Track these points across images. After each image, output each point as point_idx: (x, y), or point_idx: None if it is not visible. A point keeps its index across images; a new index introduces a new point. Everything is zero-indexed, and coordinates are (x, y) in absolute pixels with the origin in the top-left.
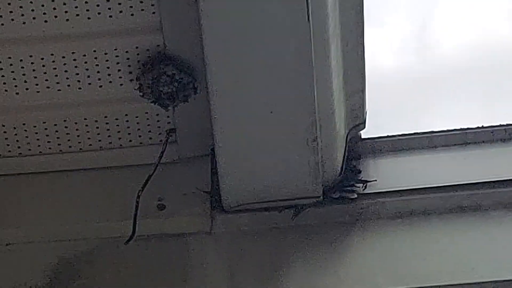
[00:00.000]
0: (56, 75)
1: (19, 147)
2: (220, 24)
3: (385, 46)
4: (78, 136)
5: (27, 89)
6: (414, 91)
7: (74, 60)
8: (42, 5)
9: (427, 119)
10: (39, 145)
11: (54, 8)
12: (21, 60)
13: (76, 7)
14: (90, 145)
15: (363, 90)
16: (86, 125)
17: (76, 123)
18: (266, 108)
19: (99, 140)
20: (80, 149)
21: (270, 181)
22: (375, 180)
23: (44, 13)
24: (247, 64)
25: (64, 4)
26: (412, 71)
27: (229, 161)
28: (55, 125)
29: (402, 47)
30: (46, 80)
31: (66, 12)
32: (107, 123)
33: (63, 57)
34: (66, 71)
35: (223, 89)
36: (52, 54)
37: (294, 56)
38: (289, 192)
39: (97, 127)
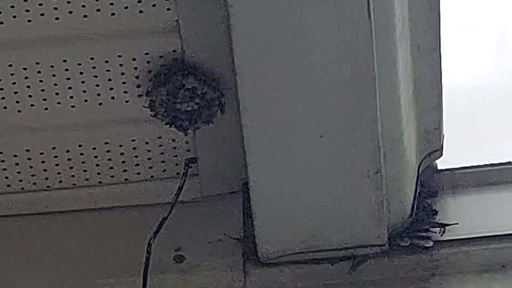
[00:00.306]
0: (42, 90)
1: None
2: (255, 23)
3: (457, 55)
4: (70, 168)
5: (5, 108)
6: (495, 108)
7: (66, 70)
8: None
9: None
10: (20, 180)
11: (40, 4)
12: None
13: (69, 1)
14: (87, 179)
15: (439, 107)
16: (81, 154)
17: (67, 151)
18: (315, 131)
19: (98, 174)
20: (74, 184)
21: (320, 225)
22: (456, 224)
23: (27, 10)
24: (289, 74)
25: None
26: (491, 84)
27: (267, 199)
28: (41, 153)
29: (478, 56)
30: (30, 96)
31: (55, 8)
32: (108, 151)
33: (52, 66)
34: (55, 84)
35: (259, 107)
36: (37, 63)
37: (351, 64)
38: (345, 239)
39: (96, 156)
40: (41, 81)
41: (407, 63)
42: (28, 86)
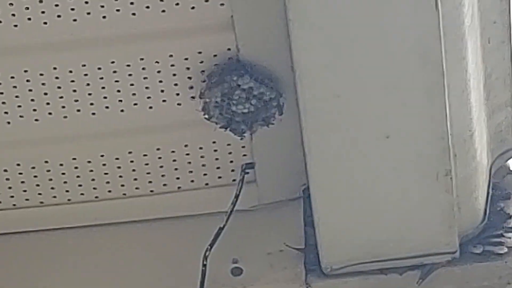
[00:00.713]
0: (89, 93)
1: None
2: (314, 17)
3: None
4: (120, 177)
5: (21, 116)
6: None
7: (114, 72)
8: None
9: None
10: (67, 191)
11: (86, 2)
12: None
13: None
14: (137, 188)
15: (511, 104)
16: (131, 161)
17: (117, 158)
18: (380, 132)
19: (150, 182)
20: (124, 194)
21: (386, 232)
22: None
23: (72, 9)
24: (352, 72)
25: None
26: None
27: (330, 206)
28: (89, 162)
29: None
30: (76, 101)
31: (102, 6)
32: (159, 158)
33: (99, 68)
34: (103, 87)
35: (320, 107)
36: (83, 65)
37: (417, 59)
38: (413, 247)
39: (146, 164)
40: (88, 84)
41: (477, 57)
42: (74, 90)
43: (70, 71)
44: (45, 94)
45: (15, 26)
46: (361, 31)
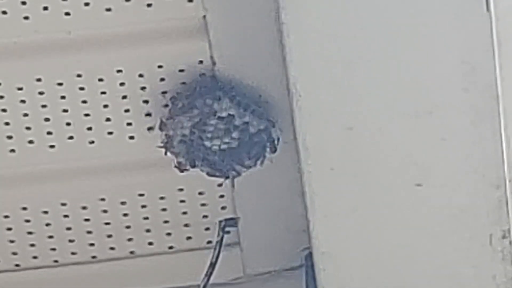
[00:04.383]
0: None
1: None
2: (319, 18)
3: None
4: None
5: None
6: None
7: (40, 93)
8: None
9: None
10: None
11: None
12: None
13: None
14: (74, 254)
15: None
16: (65, 216)
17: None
18: (409, 178)
19: (91, 244)
20: (56, 261)
21: None
22: None
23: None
24: (370, 95)
25: None
26: None
27: (343, 279)
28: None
29: None
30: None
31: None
32: (103, 212)
33: (19, 88)
34: (25, 114)
35: (327, 144)
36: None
37: (461, 76)
38: None
39: (86, 220)
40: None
41: None
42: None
43: None
44: None
45: None
46: (384, 38)
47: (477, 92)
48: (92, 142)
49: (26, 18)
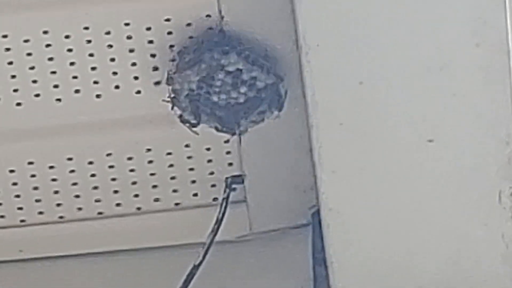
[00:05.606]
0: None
1: None
2: None
3: None
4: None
5: None
6: None
7: (47, 46)
8: None
9: None
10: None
11: None
12: None
13: None
14: (80, 209)
15: None
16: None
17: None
18: (420, 134)
19: (97, 201)
20: (61, 217)
21: (428, 275)
22: None
23: None
24: (382, 49)
25: None
26: None
27: (350, 237)
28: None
29: None
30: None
31: None
32: (110, 167)
33: (26, 40)
34: (32, 67)
35: (336, 99)
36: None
37: (472, 32)
38: None
39: (93, 175)
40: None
41: None
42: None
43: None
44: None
45: None
46: (398, 10)
47: (488, 47)
48: (99, 96)
49: None
